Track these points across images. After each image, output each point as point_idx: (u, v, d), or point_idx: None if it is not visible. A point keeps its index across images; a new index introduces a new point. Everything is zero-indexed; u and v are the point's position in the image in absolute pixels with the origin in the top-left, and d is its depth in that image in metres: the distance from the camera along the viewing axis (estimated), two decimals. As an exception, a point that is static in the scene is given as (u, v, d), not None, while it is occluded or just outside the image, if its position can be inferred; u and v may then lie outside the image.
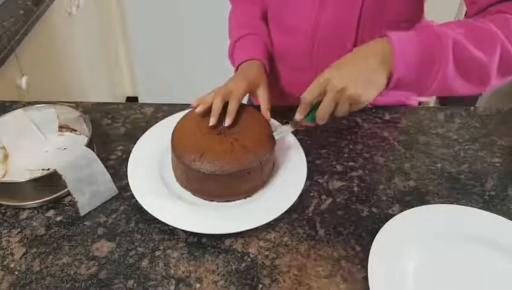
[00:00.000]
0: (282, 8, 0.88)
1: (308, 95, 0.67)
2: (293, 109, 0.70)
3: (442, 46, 0.62)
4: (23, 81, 1.23)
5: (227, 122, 0.72)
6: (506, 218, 0.69)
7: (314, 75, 0.90)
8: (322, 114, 0.66)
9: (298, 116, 0.69)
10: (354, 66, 0.64)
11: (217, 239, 0.68)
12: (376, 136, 0.88)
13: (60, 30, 1.52)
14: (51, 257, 0.66)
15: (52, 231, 0.69)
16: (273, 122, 0.80)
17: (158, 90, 2.27)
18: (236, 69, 0.86)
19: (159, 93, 2.26)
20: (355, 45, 0.82)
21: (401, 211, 0.71)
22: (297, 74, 0.93)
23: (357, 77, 0.63)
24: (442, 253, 0.65)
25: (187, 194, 0.73)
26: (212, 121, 0.71)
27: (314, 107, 0.68)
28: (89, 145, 0.75)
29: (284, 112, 0.81)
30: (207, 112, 0.74)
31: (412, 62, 0.63)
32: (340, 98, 0.64)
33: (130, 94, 2.40)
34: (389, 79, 0.64)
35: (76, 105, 0.93)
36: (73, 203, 0.72)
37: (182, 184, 0.74)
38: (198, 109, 0.73)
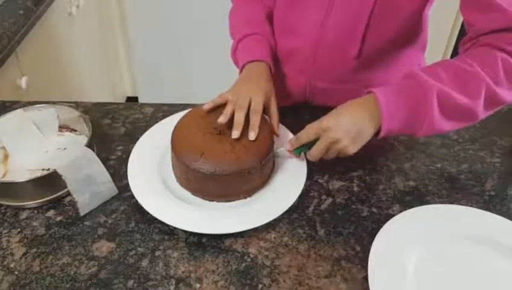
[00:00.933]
0: (288, 10, 0.87)
1: (304, 138, 0.72)
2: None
3: (427, 100, 0.67)
4: (23, 81, 1.23)
5: (251, 137, 0.72)
6: (506, 218, 0.69)
7: (314, 78, 0.90)
8: (313, 156, 0.72)
9: (288, 147, 0.75)
10: (350, 118, 0.70)
11: (217, 239, 0.68)
12: (376, 136, 0.88)
13: (60, 30, 1.52)
14: (51, 257, 0.66)
15: (52, 231, 0.69)
16: (286, 133, 0.80)
17: (158, 90, 2.27)
18: (241, 70, 0.85)
19: (159, 93, 2.26)
20: (360, 52, 0.82)
21: (401, 211, 0.71)
22: (298, 75, 0.92)
23: (350, 130, 0.69)
24: (442, 253, 0.65)
25: (187, 194, 0.73)
26: (236, 134, 0.71)
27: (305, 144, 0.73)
28: (89, 145, 0.75)
29: (283, 112, 0.81)
30: (209, 112, 0.75)
31: (398, 117, 0.69)
32: (331, 148, 0.70)
33: (130, 94, 2.40)
34: (377, 130, 0.70)
35: (76, 105, 0.93)
36: (73, 203, 0.72)
37: (182, 184, 0.74)
38: (205, 107, 0.76)
